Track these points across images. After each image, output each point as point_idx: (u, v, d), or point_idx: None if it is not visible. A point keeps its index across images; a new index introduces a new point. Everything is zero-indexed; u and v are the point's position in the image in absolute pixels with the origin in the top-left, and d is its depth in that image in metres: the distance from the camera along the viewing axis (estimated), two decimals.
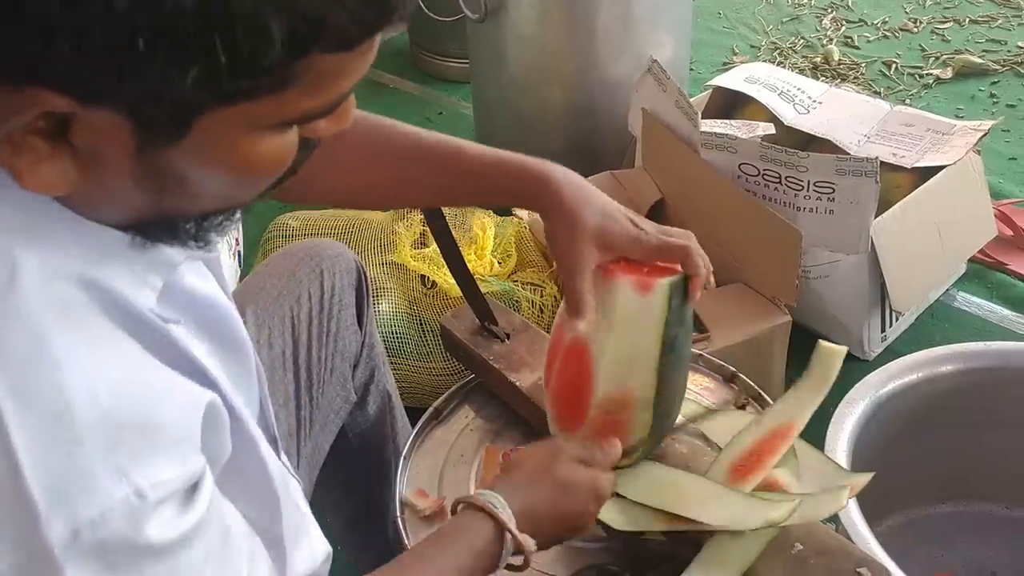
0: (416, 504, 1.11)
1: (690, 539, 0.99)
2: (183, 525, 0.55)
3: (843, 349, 1.04)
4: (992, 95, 2.78)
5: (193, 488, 0.57)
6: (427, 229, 1.80)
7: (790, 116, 1.98)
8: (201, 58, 0.50)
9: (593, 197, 1.00)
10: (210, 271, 0.76)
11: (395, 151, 1.00)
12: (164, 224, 0.62)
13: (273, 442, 0.89)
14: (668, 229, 1.01)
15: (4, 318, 0.52)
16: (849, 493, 0.99)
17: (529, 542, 0.86)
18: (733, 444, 1.02)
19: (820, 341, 1.05)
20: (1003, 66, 2.90)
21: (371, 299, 1.24)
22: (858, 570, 0.93)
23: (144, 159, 0.55)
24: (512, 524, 0.85)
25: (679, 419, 1.12)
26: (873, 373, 1.36)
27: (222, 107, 0.54)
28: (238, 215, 0.66)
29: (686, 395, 1.18)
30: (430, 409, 1.22)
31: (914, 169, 1.83)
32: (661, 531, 1.00)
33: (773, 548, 0.95)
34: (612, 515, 0.98)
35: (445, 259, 1.24)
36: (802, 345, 1.75)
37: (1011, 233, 2.11)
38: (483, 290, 1.27)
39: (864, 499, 1.13)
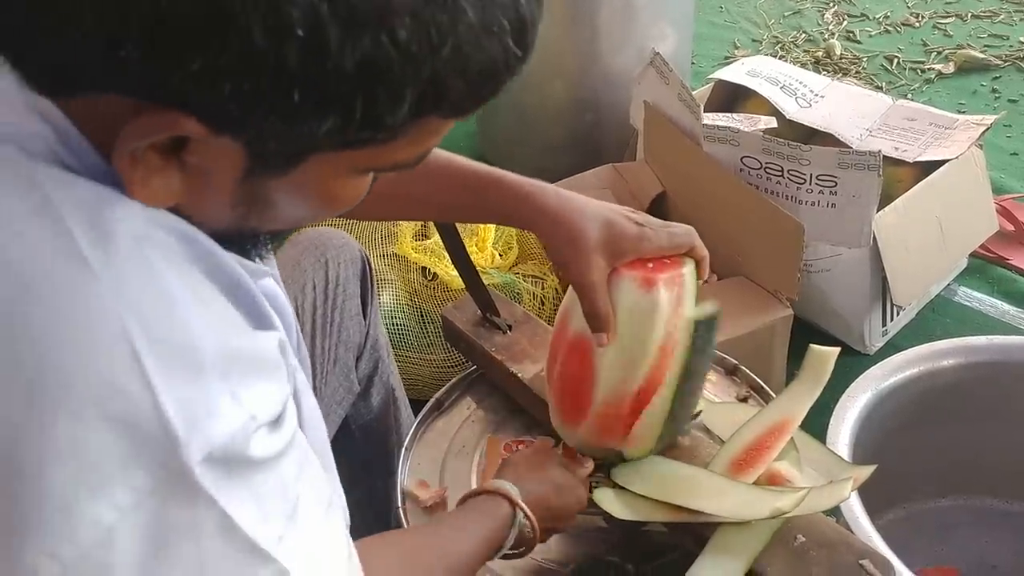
0: (418, 495, 1.11)
1: (691, 530, 1.00)
2: (279, 442, 0.59)
3: (834, 351, 1.04)
4: (994, 90, 2.78)
5: (281, 412, 0.60)
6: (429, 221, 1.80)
7: (792, 110, 1.98)
8: (340, 112, 0.54)
9: (590, 210, 0.99)
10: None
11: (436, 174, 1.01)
12: (235, 238, 0.65)
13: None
14: (669, 224, 1.01)
15: (120, 257, 0.55)
16: (852, 485, 0.99)
17: (535, 524, 0.93)
18: (732, 441, 1.02)
19: (811, 345, 1.05)
20: (1005, 61, 2.89)
21: (376, 289, 1.24)
22: (860, 562, 0.93)
23: (247, 184, 0.59)
24: (525, 507, 0.93)
25: None
26: (874, 367, 1.36)
27: (334, 151, 0.58)
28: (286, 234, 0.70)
29: None
30: (431, 400, 1.22)
31: (916, 163, 1.83)
32: (663, 522, 1.00)
33: (775, 540, 0.96)
34: (614, 505, 0.98)
35: (447, 250, 1.24)
36: (803, 338, 1.75)
37: (1012, 228, 2.11)
38: (485, 282, 1.27)
39: (865, 492, 1.13)
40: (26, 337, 0.52)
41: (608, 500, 0.99)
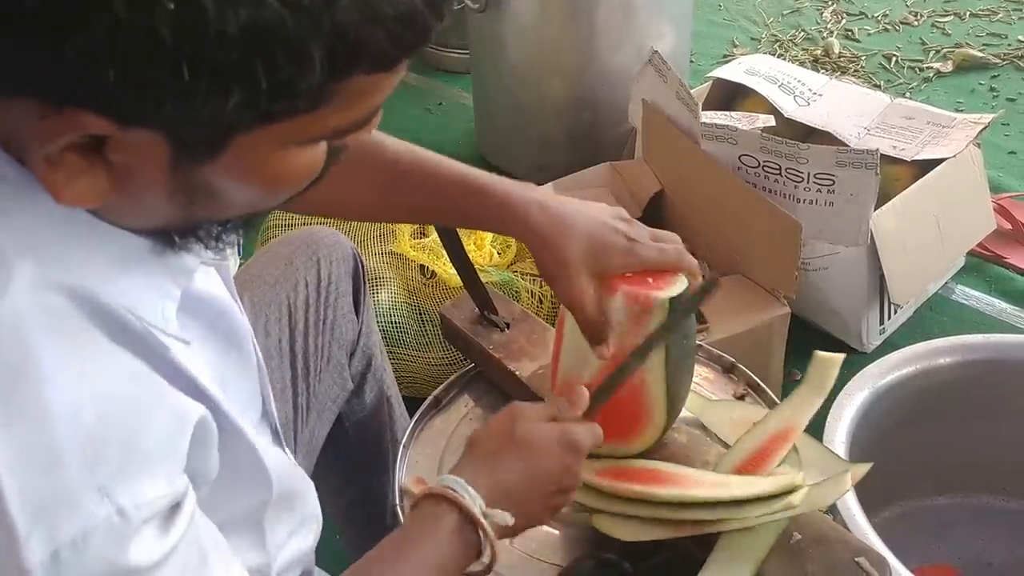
0: (414, 492, 1.11)
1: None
2: (164, 546, 0.54)
3: (839, 357, 1.04)
4: (992, 89, 2.78)
5: (176, 507, 0.56)
6: None
7: (790, 108, 1.98)
8: (242, 83, 0.50)
9: (576, 223, 0.94)
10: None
11: (376, 173, 0.98)
12: (188, 230, 0.62)
13: (275, 434, 0.90)
14: (658, 233, 0.98)
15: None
16: (852, 477, 0.99)
17: (504, 517, 0.79)
18: (736, 448, 1.02)
19: (816, 352, 1.05)
20: (1003, 60, 2.90)
21: (367, 287, 1.24)
22: (856, 559, 0.93)
23: (178, 175, 0.56)
24: (477, 505, 0.78)
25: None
26: (872, 364, 1.37)
27: (258, 127, 0.54)
28: (256, 222, 0.67)
29: None
30: (429, 398, 1.22)
31: (914, 162, 1.83)
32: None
33: None
34: (619, 529, 0.97)
35: (445, 248, 1.23)
36: (801, 337, 1.77)
37: (1010, 227, 2.12)
38: (483, 280, 1.27)
39: (862, 490, 1.14)
40: None
41: (611, 525, 0.97)
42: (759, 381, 1.23)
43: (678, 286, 0.97)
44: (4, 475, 0.49)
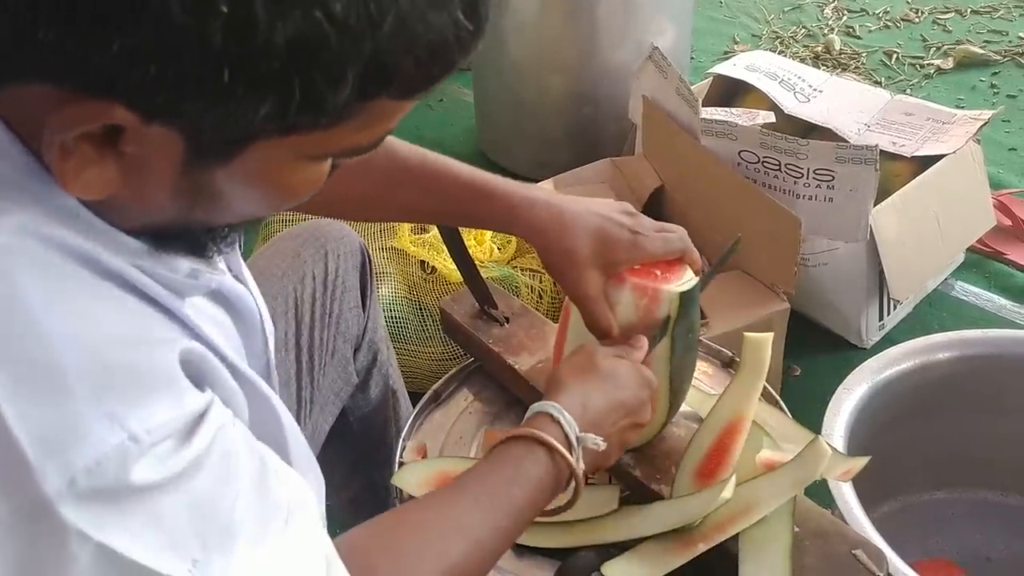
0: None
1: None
2: (182, 461, 0.54)
3: (769, 336, 1.02)
4: (993, 85, 2.79)
5: (198, 420, 0.56)
6: None
7: (790, 104, 1.98)
8: (277, 93, 0.51)
9: (581, 219, 0.96)
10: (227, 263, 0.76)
11: (383, 173, 0.99)
12: (182, 233, 0.62)
13: None
14: (663, 225, 1.00)
15: None
16: (849, 470, 1.00)
17: (596, 441, 0.84)
18: (690, 451, 1.01)
19: (745, 333, 1.03)
20: (1004, 56, 2.90)
21: (375, 282, 1.25)
22: (853, 552, 0.94)
23: (188, 174, 0.56)
24: (574, 429, 0.83)
25: None
26: (870, 360, 1.37)
27: (277, 137, 0.55)
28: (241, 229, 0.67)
29: None
30: (429, 392, 1.23)
31: (914, 158, 1.84)
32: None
33: None
34: (631, 572, 0.96)
35: (446, 243, 1.24)
36: (800, 332, 1.77)
37: (1010, 223, 2.12)
38: (483, 275, 1.28)
39: (860, 485, 1.14)
40: None
41: (622, 570, 0.96)
42: None
43: (686, 277, 0.98)
44: (7, 408, 0.49)
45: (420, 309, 1.76)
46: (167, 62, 0.49)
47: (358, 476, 1.32)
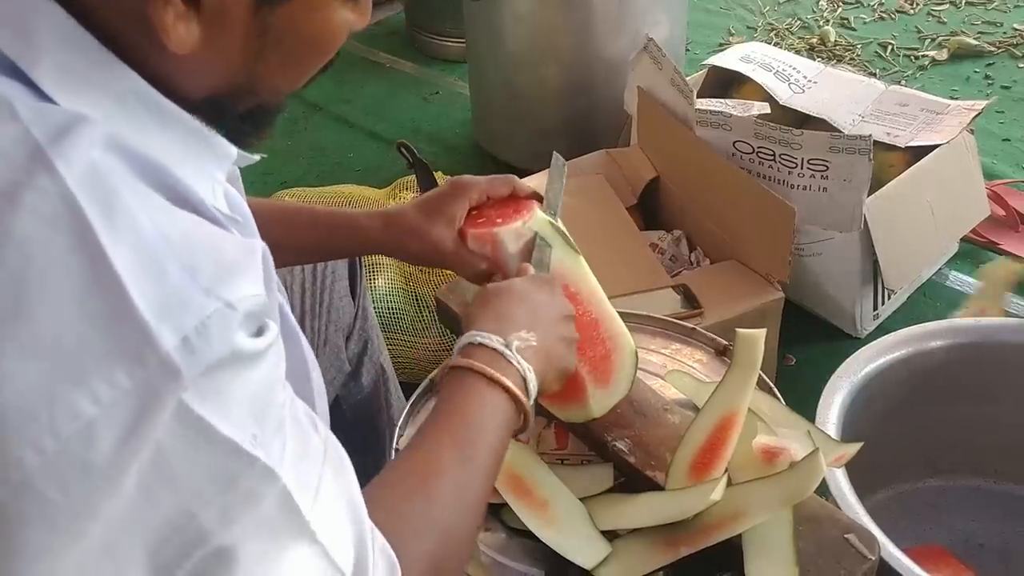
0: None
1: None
2: (260, 343, 0.58)
3: (762, 332, 1.01)
4: (987, 76, 2.79)
5: (260, 313, 0.60)
6: None
7: (785, 95, 1.99)
8: None
9: (407, 208, 1.07)
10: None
11: (279, 216, 1.07)
12: (235, 100, 0.68)
13: None
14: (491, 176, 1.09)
15: (78, 170, 0.56)
16: (841, 456, 1.00)
17: (526, 339, 0.87)
18: (684, 446, 1.00)
19: (737, 330, 1.03)
20: (998, 48, 2.90)
21: (364, 271, 1.25)
22: (845, 536, 0.94)
23: (258, 17, 0.63)
24: (495, 341, 0.86)
25: (673, 392, 1.13)
26: (863, 348, 1.37)
27: None
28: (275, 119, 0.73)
29: (679, 367, 1.19)
30: (425, 381, 1.23)
31: (907, 148, 1.84)
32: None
33: None
34: (614, 571, 0.95)
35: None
36: (795, 322, 1.78)
37: (1003, 213, 2.13)
38: None
39: (853, 472, 1.15)
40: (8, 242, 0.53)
41: (607, 571, 0.95)
42: None
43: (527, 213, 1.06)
44: (127, 278, 0.53)
45: (416, 300, 1.77)
46: None
47: (351, 464, 1.33)
